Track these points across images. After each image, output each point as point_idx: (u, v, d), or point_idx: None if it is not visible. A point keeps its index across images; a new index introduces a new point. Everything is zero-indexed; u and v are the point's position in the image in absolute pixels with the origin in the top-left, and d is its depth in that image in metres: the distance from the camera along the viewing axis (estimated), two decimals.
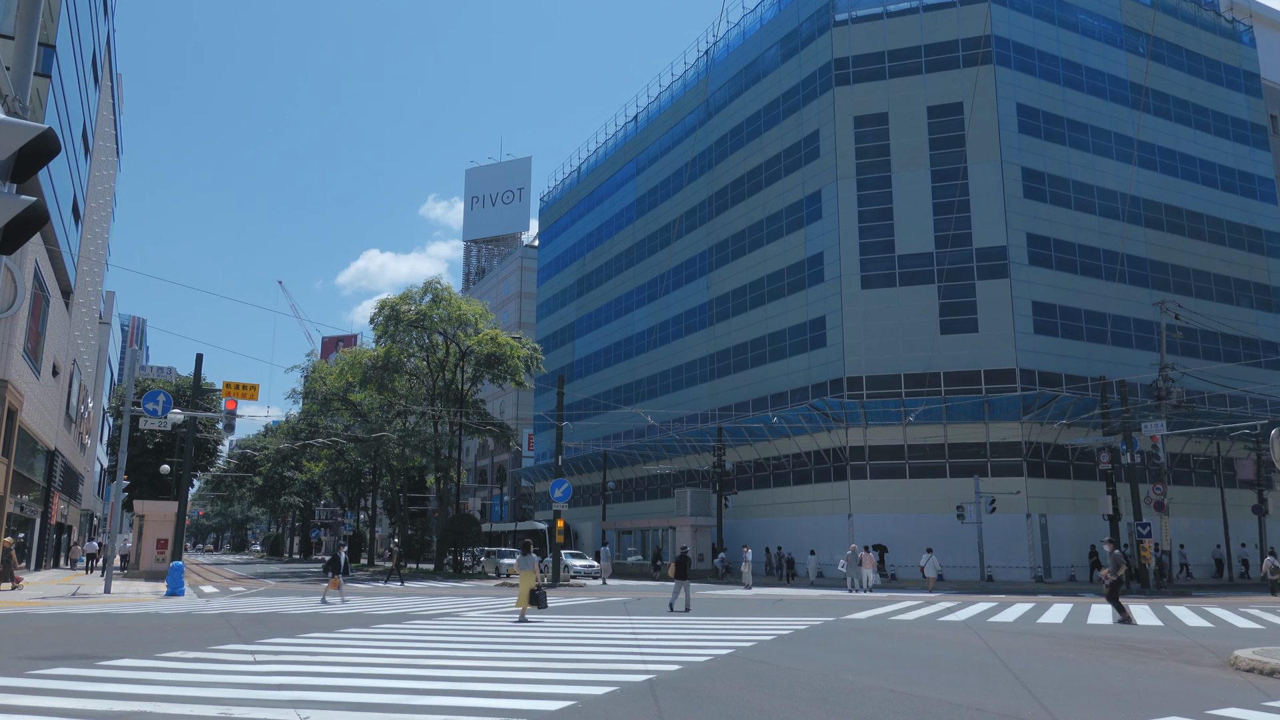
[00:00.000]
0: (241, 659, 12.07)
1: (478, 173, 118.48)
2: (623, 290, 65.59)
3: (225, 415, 29.64)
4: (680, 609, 21.95)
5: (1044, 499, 41.38)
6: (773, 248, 50.01)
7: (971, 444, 41.89)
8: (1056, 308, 43.29)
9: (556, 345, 74.31)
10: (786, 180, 49.54)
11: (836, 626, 17.76)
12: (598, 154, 73.55)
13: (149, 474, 54.75)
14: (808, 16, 49.35)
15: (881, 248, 44.43)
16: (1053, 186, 44.74)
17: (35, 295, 34.63)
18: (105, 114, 52.58)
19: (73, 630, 15.95)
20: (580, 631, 16.31)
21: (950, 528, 40.09)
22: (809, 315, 46.50)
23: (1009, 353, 41.59)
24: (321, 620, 18.40)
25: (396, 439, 47.92)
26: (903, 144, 45.06)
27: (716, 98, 57.50)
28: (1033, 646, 14.42)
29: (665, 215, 61.13)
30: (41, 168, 5.05)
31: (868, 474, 43.08)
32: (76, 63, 38.90)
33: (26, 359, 34.42)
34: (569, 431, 65.86)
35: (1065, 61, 46.86)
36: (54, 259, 38.68)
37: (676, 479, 56.83)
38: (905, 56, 45.89)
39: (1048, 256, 43.73)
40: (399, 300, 48.14)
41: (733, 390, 51.87)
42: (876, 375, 43.15)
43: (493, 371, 49.09)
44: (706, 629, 16.87)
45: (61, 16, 34.39)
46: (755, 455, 50.10)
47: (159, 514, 40.36)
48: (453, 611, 21.13)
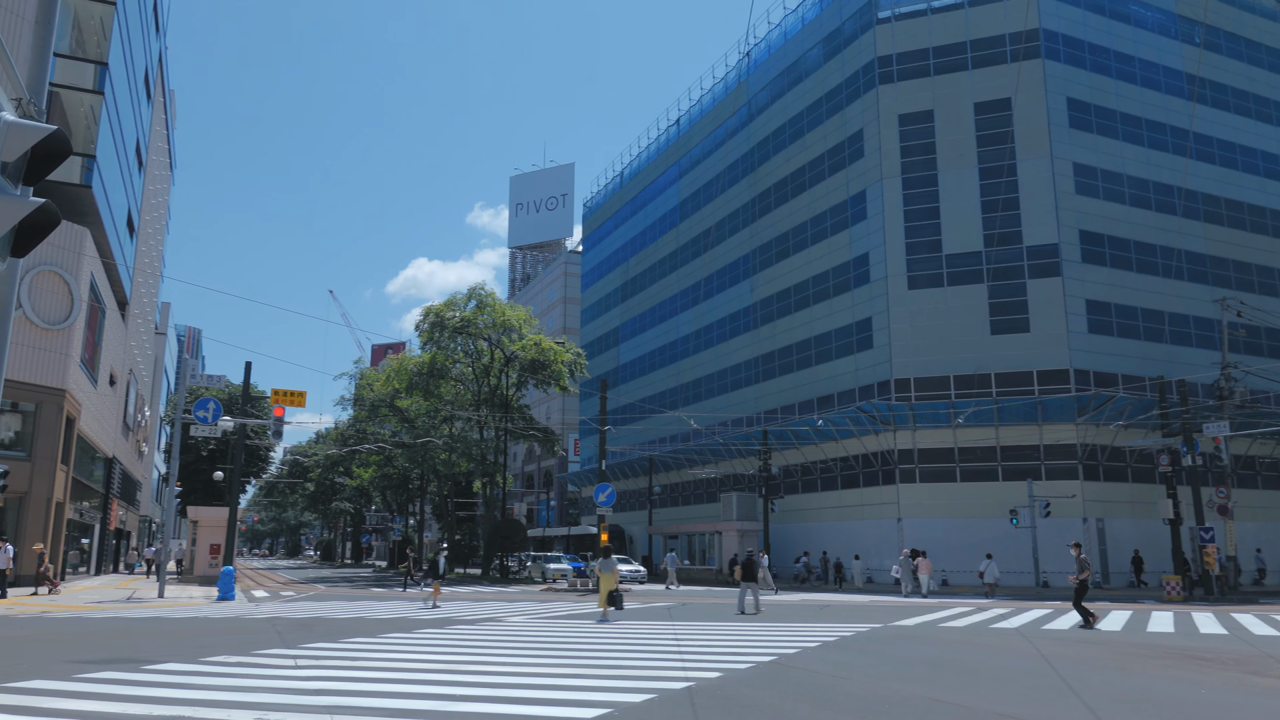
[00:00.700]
0: (283, 663, 12.12)
1: (522, 180, 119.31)
2: (666, 294, 65.43)
3: (274, 422, 30.06)
4: (750, 611, 22.11)
5: (1101, 503, 40.27)
6: (817, 249, 49.48)
7: (1024, 446, 40.94)
8: (1111, 306, 42.15)
9: (601, 350, 74.39)
10: (830, 181, 48.99)
11: (883, 633, 17.36)
12: (640, 158, 73.55)
13: (203, 480, 55.85)
14: (850, 15, 48.78)
15: (928, 247, 43.69)
16: (1106, 182, 43.61)
17: (91, 307, 35.52)
18: (158, 129, 53.88)
19: (123, 634, 16.20)
20: (622, 636, 16.15)
21: (1003, 532, 39.16)
22: (855, 317, 45.88)
23: (1062, 353, 40.58)
24: (365, 625, 18.49)
25: (442, 444, 48.28)
26: (949, 141, 44.28)
27: (758, 99, 57.12)
28: (1088, 655, 13.92)
29: (708, 218, 60.86)
30: (53, 170, 5.05)
31: (917, 477, 42.32)
32: (129, 80, 39.89)
33: (84, 369, 35.31)
34: (614, 436, 65.79)
35: (1117, 54, 45.68)
36: (110, 271, 39.67)
37: (722, 483, 56.45)
38: (950, 53, 45.11)
39: (1101, 254, 42.61)
40: (444, 307, 48.54)
41: (778, 393, 51.38)
42: (925, 377, 42.40)
43: (537, 377, 49.26)
44: (750, 634, 16.60)
45: (113, 35, 35.32)
46: (802, 459, 49.55)
47: (212, 519, 41.10)
48: (495, 617, 21.11)
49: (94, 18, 35.42)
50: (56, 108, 33.74)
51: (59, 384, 31.73)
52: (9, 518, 30.64)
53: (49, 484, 31.20)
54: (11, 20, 28.81)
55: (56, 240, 31.82)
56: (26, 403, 31.20)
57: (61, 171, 33.30)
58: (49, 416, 31.52)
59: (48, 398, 31.40)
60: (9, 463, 27.00)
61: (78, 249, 32.60)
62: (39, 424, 31.30)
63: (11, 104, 5.12)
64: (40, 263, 31.15)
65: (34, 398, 31.12)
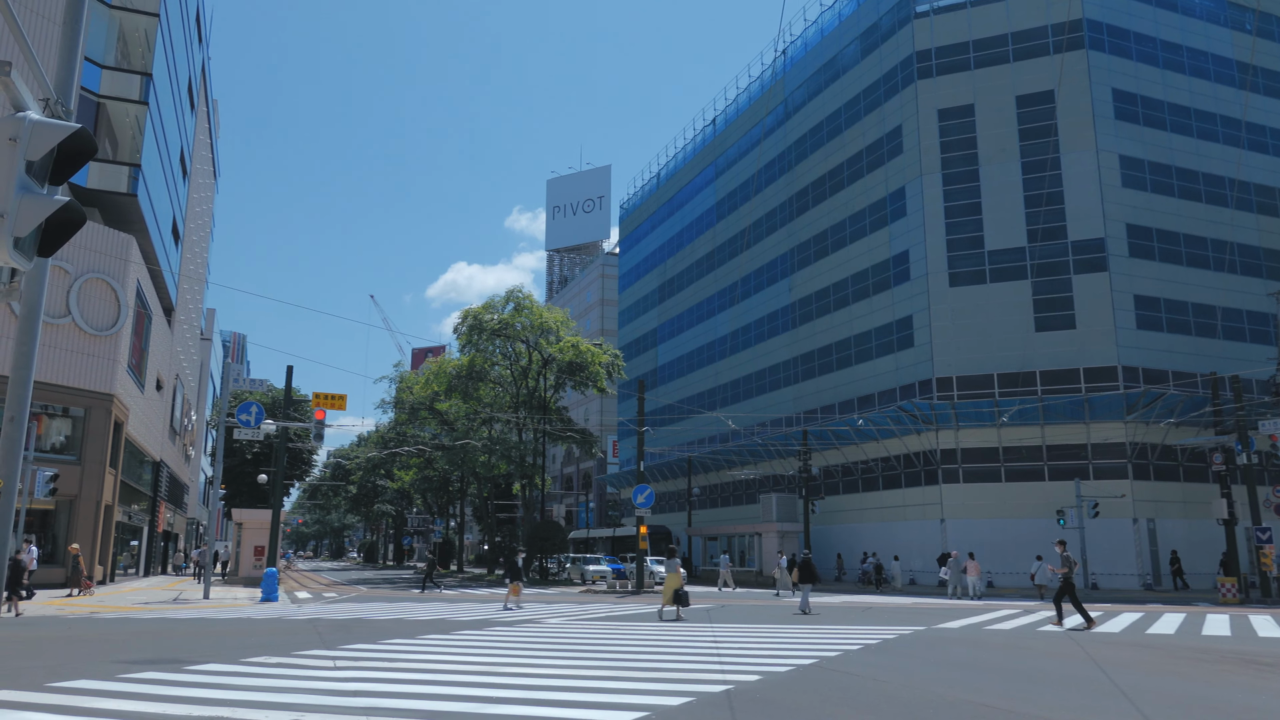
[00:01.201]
0: (322, 664, 12.15)
1: (559, 183, 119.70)
2: (704, 295, 65.18)
3: (315, 425, 30.34)
4: (810, 611, 23.03)
5: (1152, 502, 39.29)
6: (856, 247, 48.93)
7: (1071, 445, 40.08)
8: (1161, 301, 41.14)
9: (639, 351, 74.31)
10: (869, 178, 48.43)
11: (927, 636, 17.01)
12: (676, 159, 73.37)
13: (248, 483, 56.71)
14: (887, 10, 48.19)
15: (970, 243, 42.98)
16: (1153, 174, 42.57)
17: (138, 313, 36.19)
18: (202, 138, 54.83)
19: (167, 635, 16.40)
20: (660, 638, 16.00)
21: (1050, 533, 38.30)
22: (895, 315, 45.28)
23: (1110, 349, 39.67)
24: (404, 627, 18.54)
25: (481, 446, 48.50)
26: (990, 135, 43.53)
27: (795, 97, 56.67)
28: (1141, 659, 13.49)
29: (745, 218, 60.51)
30: (79, 169, 5.06)
31: (960, 478, 41.63)
32: (173, 90, 40.60)
33: (131, 374, 35.97)
34: (653, 438, 65.69)
35: (1164, 43, 44.59)
36: (155, 278, 40.39)
37: (762, 484, 56.05)
38: (991, 46, 44.36)
39: (1150, 248, 41.60)
40: (482, 310, 48.78)
41: (818, 393, 50.89)
42: (967, 375, 41.69)
43: (575, 378, 49.31)
44: (790, 637, 16.35)
45: (157, 47, 35.97)
46: (842, 459, 49.01)
47: (256, 522, 41.66)
48: (534, 618, 21.08)
49: (138, 30, 36.12)
50: (103, 118, 34.45)
51: (107, 389, 32.35)
52: (60, 520, 31.32)
53: (98, 487, 31.83)
54: (41, 24, 29.42)
55: (103, 248, 32.45)
56: (76, 408, 31.86)
57: (108, 180, 34.01)
58: (98, 421, 32.15)
59: (96, 403, 32.03)
60: (59, 466, 27.60)
61: (124, 256, 33.22)
62: (88, 428, 31.94)
63: (39, 104, 5.13)
64: (88, 270, 31.78)
65: (83, 403, 31.76)
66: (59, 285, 30.92)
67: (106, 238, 32.91)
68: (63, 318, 30.93)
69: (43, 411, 31.06)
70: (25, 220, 4.55)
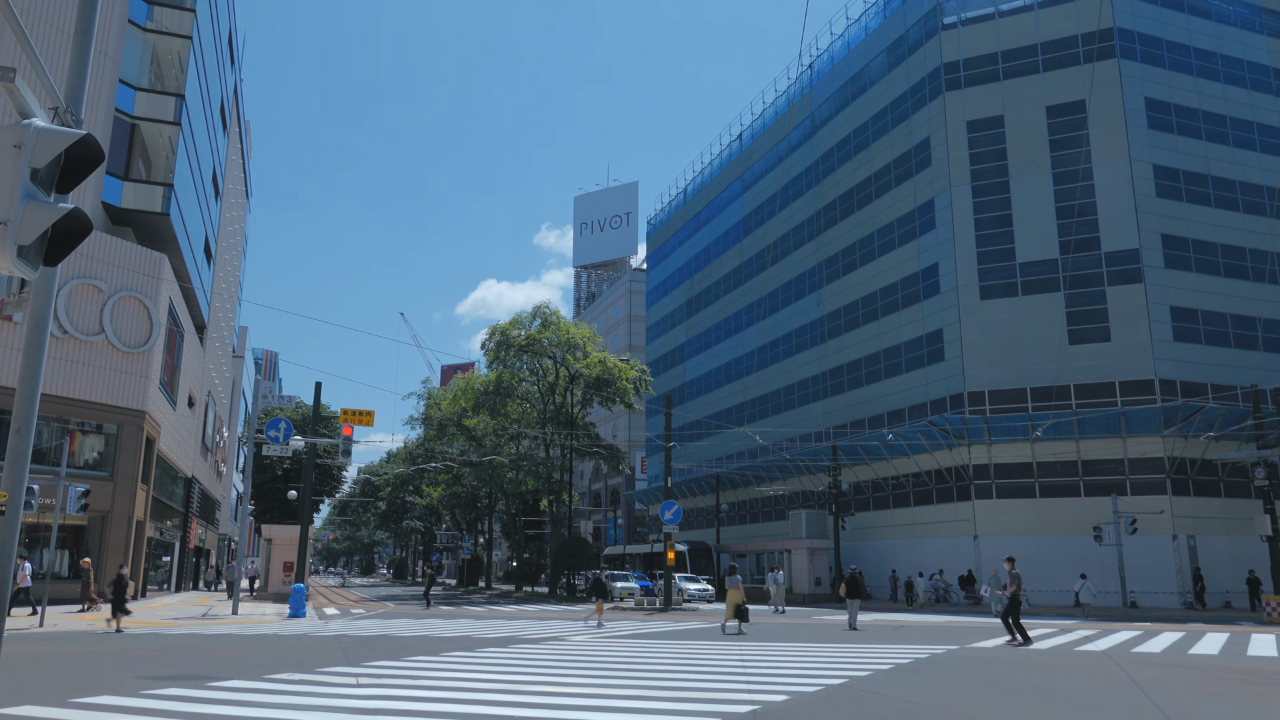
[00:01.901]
0: (344, 681, 12.03)
1: (586, 199, 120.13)
2: (731, 310, 64.92)
3: (343, 441, 30.43)
4: (857, 628, 23.65)
5: (1192, 519, 38.36)
6: (885, 260, 48.51)
7: (1108, 460, 39.28)
8: (1198, 313, 40.32)
9: (667, 367, 74.11)
10: (897, 191, 48.05)
11: (960, 656, 16.60)
12: (703, 174, 73.36)
13: (278, 499, 57.10)
14: (914, 22, 47.94)
15: (1001, 256, 42.44)
16: (1189, 184, 41.84)
17: (170, 330, 36.60)
18: (234, 159, 55.60)
19: (193, 651, 16.39)
20: (688, 656, 15.73)
21: (1087, 550, 37.55)
22: (925, 329, 44.77)
23: (1146, 362, 38.91)
24: (429, 643, 18.41)
25: (508, 463, 48.47)
26: (1020, 147, 43.04)
27: (821, 111, 56.48)
28: (1184, 680, 13.03)
29: (772, 232, 60.28)
30: (86, 177, 5.01)
31: (993, 493, 40.93)
32: (205, 111, 41.20)
33: (163, 391, 36.35)
34: (681, 453, 65.36)
35: (1197, 51, 43.92)
36: (187, 296, 40.88)
37: (791, 500, 55.51)
38: (1020, 56, 43.93)
39: (1186, 258, 40.83)
40: (509, 326, 48.87)
41: (847, 408, 50.38)
42: (1000, 389, 41.07)
43: (602, 394, 49.19)
44: (819, 656, 16.02)
45: (190, 69, 36.53)
46: (873, 475, 48.42)
47: (286, 538, 41.86)
48: (560, 635, 20.87)
49: (171, 52, 36.71)
50: (137, 139, 35.00)
51: (139, 405, 32.70)
52: (92, 536, 31.61)
53: (130, 503, 32.11)
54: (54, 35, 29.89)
55: (136, 266, 32.89)
56: (109, 424, 32.22)
57: (142, 200, 34.51)
58: (130, 437, 32.48)
59: (128, 419, 32.38)
60: (92, 482, 27.87)
61: (156, 274, 33.64)
62: (120, 445, 32.27)
63: (49, 113, 5.09)
64: (121, 288, 32.20)
65: (115, 419, 32.11)
66: (93, 303, 31.34)
67: (139, 256, 33.35)
68: (96, 335, 31.33)
69: (76, 428, 31.45)
70: (29, 228, 4.49)
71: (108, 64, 32.62)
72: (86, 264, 31.13)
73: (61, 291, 30.36)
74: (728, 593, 22.92)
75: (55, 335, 30.16)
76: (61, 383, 30.19)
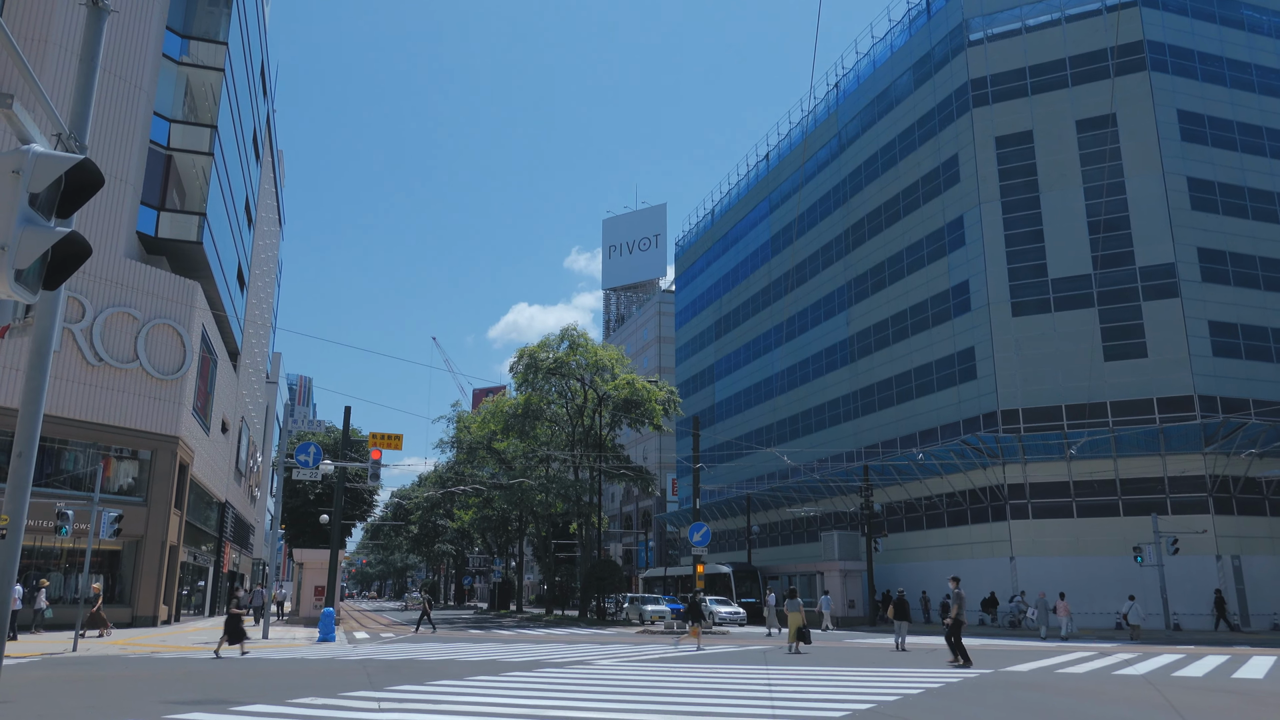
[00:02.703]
0: (366, 706, 11.97)
1: (614, 222, 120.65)
2: (760, 330, 64.66)
3: (371, 465, 30.57)
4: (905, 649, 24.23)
5: (1236, 538, 37.36)
6: (914, 278, 48.10)
7: (1147, 479, 38.43)
8: (1238, 327, 39.46)
9: (696, 388, 73.87)
10: (926, 208, 47.70)
11: (993, 680, 16.20)
12: (730, 195, 73.40)
13: (311, 523, 57.48)
14: (940, 39, 47.76)
15: (1032, 272, 41.90)
16: (1225, 196, 41.11)
17: (203, 357, 37.09)
18: (267, 188, 56.53)
19: (219, 675, 16.43)
20: (716, 681, 15.49)
21: (1127, 571, 36.67)
22: (956, 347, 44.24)
23: (1185, 378, 38.10)
24: (454, 668, 18.32)
25: (537, 485, 48.45)
26: (1050, 162, 42.57)
27: (848, 129, 56.34)
28: (1227, 706, 12.59)
29: (800, 252, 60.08)
30: (85, 202, 5.05)
31: (1029, 513, 40.16)
32: (238, 142, 41.95)
33: (196, 417, 36.80)
34: (711, 475, 64.99)
35: (1231, 62, 43.29)
36: (221, 323, 41.46)
37: (823, 521, 54.89)
38: (1048, 70, 43.55)
39: (1224, 272, 40.04)
40: (537, 349, 49.04)
41: (878, 428, 49.83)
42: (1033, 407, 40.39)
43: (630, 416, 49.09)
44: (847, 680, 15.71)
45: (222, 101, 37.24)
46: (905, 495, 47.77)
47: (317, 562, 42.07)
48: (586, 659, 20.69)
49: (205, 85, 37.47)
50: (172, 171, 35.70)
51: (172, 431, 33.11)
52: (126, 561, 31.96)
53: (163, 528, 32.45)
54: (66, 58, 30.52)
55: (170, 294, 33.43)
56: (144, 450, 32.65)
57: (177, 229, 35.13)
58: (163, 463, 32.88)
59: (162, 445, 32.79)
60: (126, 508, 28.20)
61: (189, 302, 34.16)
62: (154, 470, 32.68)
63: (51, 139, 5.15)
64: (155, 316, 32.72)
65: (149, 445, 32.54)
66: (127, 331, 31.87)
67: (173, 284, 33.91)
68: (130, 362, 31.83)
69: (111, 453, 31.91)
70: (26, 253, 4.52)
71: (142, 97, 33.36)
72: (121, 292, 31.70)
73: (97, 320, 30.92)
74: (789, 616, 23.79)
75: (90, 363, 30.68)
76: (96, 409, 30.67)
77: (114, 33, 31.47)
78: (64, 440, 30.38)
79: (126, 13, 32.05)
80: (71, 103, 5.58)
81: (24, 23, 29.90)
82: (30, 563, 29.34)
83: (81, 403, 30.27)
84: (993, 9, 45.33)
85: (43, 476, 29.38)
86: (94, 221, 30.07)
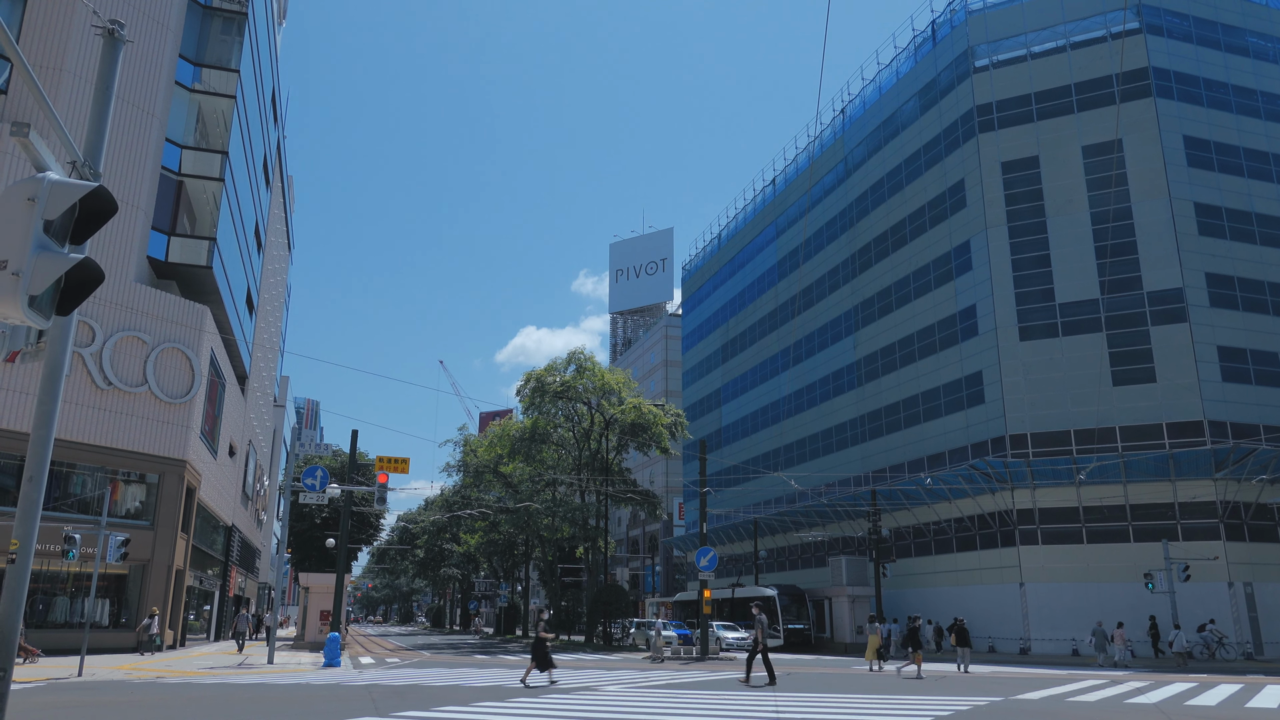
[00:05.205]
0: None
1: (621, 246, 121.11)
2: (767, 354, 64.65)
3: (378, 488, 30.56)
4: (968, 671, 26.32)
5: (1248, 565, 37.03)
6: (921, 303, 48.11)
7: (1157, 505, 38.17)
8: (1247, 352, 39.34)
9: (703, 412, 73.77)
10: (932, 233, 47.80)
11: (1003, 708, 16.03)
12: (737, 219, 73.67)
13: (317, 547, 57.36)
14: (946, 65, 48.06)
15: (1040, 297, 41.88)
16: (1232, 221, 41.12)
17: (211, 381, 37.23)
18: (277, 213, 56.95)
19: (224, 701, 16.36)
20: (722, 708, 15.36)
21: (1137, 598, 36.36)
22: (964, 371, 44.16)
23: (1194, 403, 37.94)
24: (459, 694, 18.22)
25: (544, 509, 48.30)
26: (1057, 187, 42.68)
27: (855, 154, 56.61)
28: None
29: (807, 276, 60.19)
30: (99, 228, 5.11)
31: (1039, 539, 39.90)
32: (248, 168, 42.33)
33: (204, 440, 36.88)
34: (718, 499, 64.76)
35: (1236, 88, 43.46)
36: (230, 347, 41.64)
37: (831, 546, 54.58)
38: (1054, 97, 43.76)
39: (1232, 297, 39.97)
40: (544, 372, 49.07)
41: (886, 452, 49.65)
42: (1042, 432, 40.23)
43: (637, 439, 49.00)
44: (856, 708, 15.56)
45: (233, 128, 37.63)
46: (913, 520, 47.50)
47: (323, 586, 41.91)
48: (592, 685, 20.55)
49: (216, 111, 37.89)
50: (184, 196, 36.02)
51: (180, 455, 33.18)
52: (132, 585, 31.92)
53: (170, 552, 32.44)
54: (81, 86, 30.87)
55: (179, 318, 33.62)
56: (151, 474, 32.70)
57: (187, 254, 35.40)
58: (170, 486, 32.93)
59: (169, 468, 32.85)
60: (132, 531, 28.21)
61: (198, 326, 34.34)
62: (161, 494, 32.72)
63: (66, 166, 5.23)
64: (164, 340, 32.89)
65: (157, 469, 32.60)
66: (137, 355, 32.03)
67: (182, 309, 34.10)
68: (139, 386, 31.96)
69: (118, 477, 31.96)
70: (40, 279, 4.59)
71: (154, 124, 33.73)
72: (131, 316, 31.89)
73: (107, 344, 31.09)
74: (869, 638, 27.74)
75: (100, 386, 30.82)
76: (104, 433, 30.77)
77: (128, 60, 31.87)
78: (72, 464, 30.46)
79: (140, 41, 32.49)
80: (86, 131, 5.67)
81: (40, 53, 30.32)
82: (37, 586, 29.33)
83: (90, 426, 30.38)
84: (998, 36, 45.64)
85: (50, 500, 29.42)
86: (105, 246, 30.33)
